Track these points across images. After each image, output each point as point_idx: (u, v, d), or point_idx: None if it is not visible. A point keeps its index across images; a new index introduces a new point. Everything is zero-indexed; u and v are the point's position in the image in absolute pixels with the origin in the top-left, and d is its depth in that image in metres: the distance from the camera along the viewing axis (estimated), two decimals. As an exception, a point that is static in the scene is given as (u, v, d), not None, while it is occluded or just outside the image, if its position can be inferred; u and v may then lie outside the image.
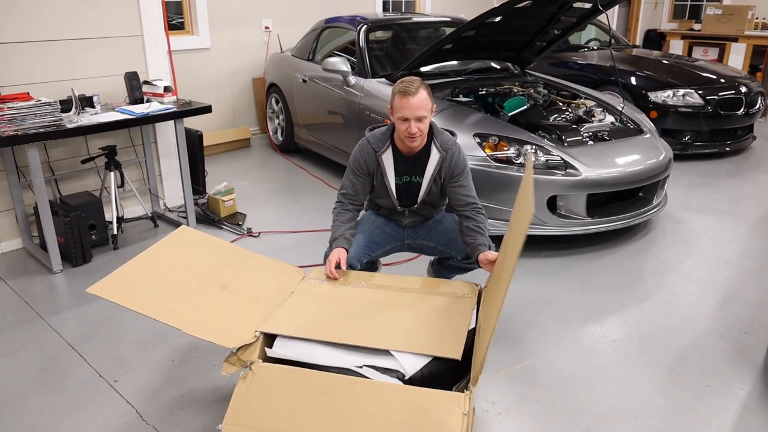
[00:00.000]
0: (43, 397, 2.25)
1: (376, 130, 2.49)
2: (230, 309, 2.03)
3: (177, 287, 2.07)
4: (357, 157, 2.45)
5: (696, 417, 2.13)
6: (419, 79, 2.29)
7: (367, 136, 2.47)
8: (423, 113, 2.25)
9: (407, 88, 2.24)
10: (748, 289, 3.03)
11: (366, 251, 2.46)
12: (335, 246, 2.35)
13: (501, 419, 2.12)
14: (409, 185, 2.46)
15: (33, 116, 2.98)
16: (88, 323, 2.73)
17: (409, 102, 2.23)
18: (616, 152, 3.46)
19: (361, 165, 2.44)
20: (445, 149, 2.40)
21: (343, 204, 2.47)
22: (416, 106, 2.23)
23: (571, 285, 3.07)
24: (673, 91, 5.15)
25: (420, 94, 2.24)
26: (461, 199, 2.41)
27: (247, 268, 2.29)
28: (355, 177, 2.46)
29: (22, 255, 3.45)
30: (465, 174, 2.44)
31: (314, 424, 1.61)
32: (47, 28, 3.37)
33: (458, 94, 4.00)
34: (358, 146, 2.47)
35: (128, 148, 3.87)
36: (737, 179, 4.72)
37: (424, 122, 2.28)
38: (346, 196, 2.47)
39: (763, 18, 8.55)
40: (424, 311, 2.04)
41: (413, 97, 2.23)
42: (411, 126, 2.26)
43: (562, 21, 3.94)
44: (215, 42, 5.54)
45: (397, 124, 2.30)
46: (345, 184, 2.49)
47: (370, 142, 2.43)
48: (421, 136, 2.31)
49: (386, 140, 2.41)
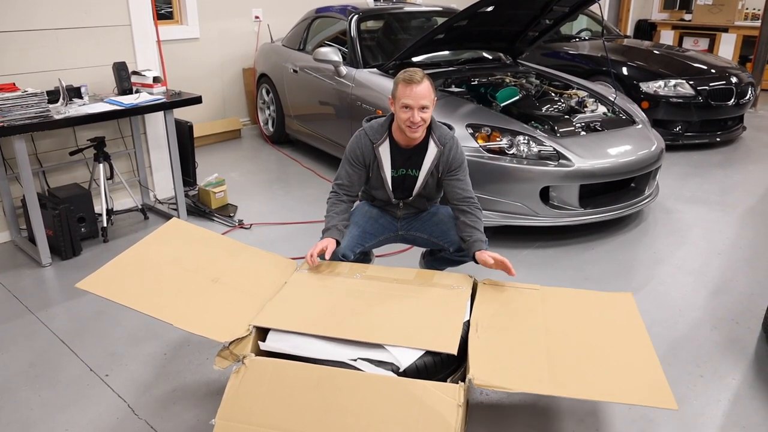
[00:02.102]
0: (34, 392, 2.22)
1: (374, 121, 2.46)
2: (222, 302, 2.02)
3: (168, 281, 2.05)
4: (354, 147, 2.42)
5: (688, 407, 2.14)
6: (422, 70, 2.28)
7: (365, 127, 2.44)
8: (426, 102, 2.24)
9: (412, 76, 2.23)
10: (740, 279, 3.05)
11: (359, 242, 2.45)
12: (326, 236, 2.34)
13: (495, 410, 2.12)
14: (405, 178, 2.45)
15: (19, 107, 2.93)
16: (79, 317, 2.71)
17: (413, 90, 2.21)
18: (609, 143, 3.46)
19: (358, 156, 2.42)
20: (443, 143, 2.38)
21: (337, 194, 2.45)
22: (420, 95, 2.22)
23: (563, 276, 3.07)
24: (664, 81, 5.15)
25: (424, 83, 2.23)
26: (458, 193, 2.40)
27: (239, 260, 2.28)
28: (351, 168, 2.43)
29: (10, 248, 3.41)
30: (462, 168, 2.42)
31: (308, 417, 1.60)
32: (34, 17, 3.31)
33: (450, 84, 3.98)
34: (355, 137, 2.44)
35: (117, 140, 3.82)
36: (728, 170, 4.74)
37: (427, 112, 2.27)
38: (341, 187, 2.45)
39: (753, 8, 8.58)
40: (418, 304, 2.03)
41: (418, 85, 2.22)
42: (414, 115, 2.23)
43: (554, 11, 3.93)
44: (205, 32, 5.48)
45: (399, 113, 2.28)
46: (340, 174, 2.46)
47: (367, 134, 2.41)
48: (422, 126, 2.29)
49: (384, 132, 2.39)
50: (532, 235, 3.48)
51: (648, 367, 1.77)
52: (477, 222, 2.36)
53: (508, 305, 2.07)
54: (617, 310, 2.07)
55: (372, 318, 1.94)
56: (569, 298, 2.14)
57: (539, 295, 2.14)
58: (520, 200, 3.25)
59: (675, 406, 1.61)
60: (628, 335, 1.93)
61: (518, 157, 3.24)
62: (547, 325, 1.97)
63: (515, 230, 3.47)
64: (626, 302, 2.11)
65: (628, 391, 1.67)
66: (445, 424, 1.54)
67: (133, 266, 2.09)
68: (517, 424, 2.05)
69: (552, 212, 3.29)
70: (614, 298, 2.14)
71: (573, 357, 1.81)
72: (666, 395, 1.65)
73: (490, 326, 1.93)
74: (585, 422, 2.06)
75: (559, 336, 1.91)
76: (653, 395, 1.65)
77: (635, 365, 1.78)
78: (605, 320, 2.01)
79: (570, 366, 1.77)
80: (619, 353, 1.84)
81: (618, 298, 2.14)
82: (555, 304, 2.10)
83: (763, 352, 2.45)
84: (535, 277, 3.04)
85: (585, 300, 2.14)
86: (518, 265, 3.16)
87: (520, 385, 1.68)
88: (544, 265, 3.19)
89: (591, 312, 2.06)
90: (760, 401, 2.16)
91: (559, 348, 1.85)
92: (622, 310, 2.06)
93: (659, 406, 1.62)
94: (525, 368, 1.75)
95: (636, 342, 1.89)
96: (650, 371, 1.75)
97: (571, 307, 2.09)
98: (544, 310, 2.06)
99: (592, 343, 1.89)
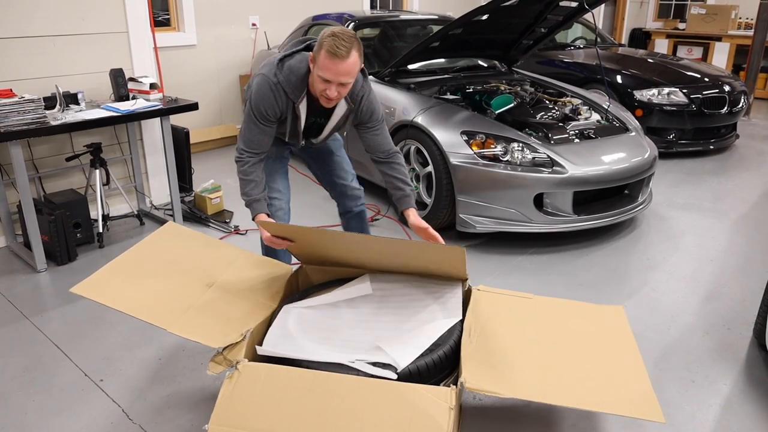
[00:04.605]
0: (28, 397, 2.22)
1: (290, 72, 2.18)
2: (217, 307, 2.02)
3: (163, 285, 2.06)
4: (270, 103, 2.18)
5: (680, 412, 2.15)
6: (354, 36, 2.03)
7: (281, 82, 2.17)
8: (348, 79, 2.05)
9: (338, 49, 1.97)
10: (732, 285, 3.07)
11: (287, 214, 2.59)
12: (258, 210, 2.27)
13: (488, 413, 2.13)
14: (314, 125, 2.37)
15: (16, 113, 2.94)
16: (74, 322, 2.71)
17: (336, 65, 1.99)
18: (602, 150, 3.49)
19: (275, 113, 2.21)
20: (354, 101, 2.26)
21: (252, 157, 2.26)
22: (343, 71, 2.01)
23: (557, 282, 3.09)
24: (658, 89, 5.19)
25: (351, 57, 2.00)
26: (377, 147, 2.36)
27: (234, 265, 2.28)
28: (264, 125, 2.23)
29: (5, 254, 3.41)
30: (375, 120, 2.33)
31: (301, 421, 1.61)
32: (31, 24, 3.33)
33: (445, 91, 4.01)
34: (269, 90, 2.16)
35: (114, 146, 3.83)
36: (721, 177, 4.78)
37: (347, 87, 2.09)
38: (253, 148, 2.25)
39: (746, 18, 8.65)
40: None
41: (342, 62, 1.98)
42: (331, 90, 2.06)
43: (549, 19, 3.97)
44: (202, 39, 5.51)
45: (317, 81, 2.08)
46: (252, 136, 2.23)
47: (285, 90, 2.18)
48: (339, 99, 2.14)
49: (303, 88, 2.19)
50: (526, 241, 3.50)
51: (637, 379, 1.79)
52: (402, 175, 2.36)
53: (502, 312, 2.08)
54: (608, 322, 2.09)
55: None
56: (562, 309, 2.16)
57: (532, 304, 2.16)
58: (514, 207, 3.27)
59: (662, 419, 1.63)
60: (618, 347, 1.95)
61: (512, 164, 3.26)
62: (539, 334, 1.99)
63: (509, 236, 3.49)
64: (617, 315, 2.13)
65: (617, 402, 1.69)
66: (437, 427, 1.55)
67: (128, 270, 2.09)
68: (510, 429, 2.06)
69: (546, 219, 3.31)
70: (606, 311, 2.16)
71: (564, 366, 1.83)
72: (653, 407, 1.67)
73: (483, 332, 1.94)
74: (577, 426, 2.07)
75: (551, 345, 1.93)
76: (641, 407, 1.67)
77: (624, 377, 1.80)
78: (596, 332, 2.03)
79: (561, 375, 1.79)
80: (609, 365, 1.86)
81: (609, 311, 2.15)
82: (547, 313, 2.12)
83: (754, 357, 2.47)
84: (528, 283, 3.06)
85: (577, 311, 2.16)
86: (512, 271, 3.19)
87: (511, 390, 1.69)
88: (538, 271, 3.20)
89: (582, 323, 2.08)
90: (751, 406, 2.18)
91: (550, 356, 1.87)
92: (614, 323, 2.08)
93: (646, 418, 1.64)
94: (517, 374, 1.77)
95: (625, 354, 1.91)
96: (639, 383, 1.77)
97: (563, 317, 2.11)
98: (536, 319, 2.08)
99: (582, 353, 1.91)
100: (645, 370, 1.83)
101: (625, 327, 2.06)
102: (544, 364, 1.82)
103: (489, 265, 3.25)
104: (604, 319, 2.10)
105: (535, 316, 2.08)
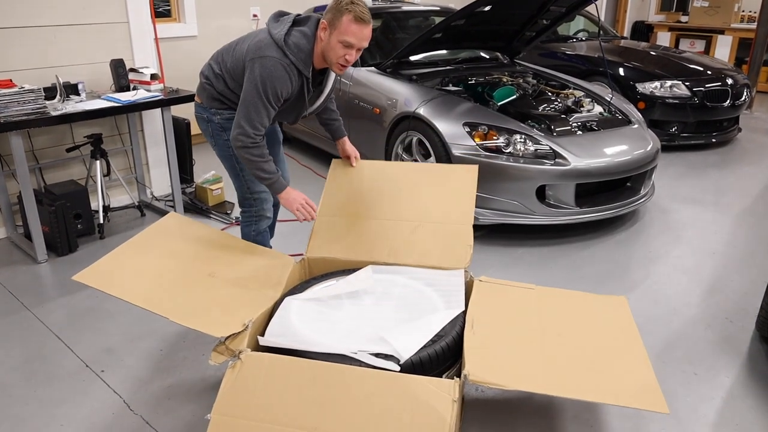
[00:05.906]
0: (29, 387, 2.22)
1: (299, 50, 2.16)
2: (218, 297, 2.02)
3: (164, 274, 2.06)
4: (285, 84, 2.16)
5: (682, 404, 2.15)
6: None
7: (294, 61, 2.15)
8: (367, 44, 2.14)
9: (364, 13, 2.05)
10: (734, 278, 3.06)
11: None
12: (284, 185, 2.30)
13: (490, 403, 2.13)
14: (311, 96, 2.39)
15: (16, 103, 2.92)
16: (74, 313, 2.71)
17: (361, 30, 2.07)
18: (605, 142, 3.48)
19: (288, 92, 2.20)
20: None
21: (263, 138, 2.23)
22: (367, 36, 2.10)
23: (559, 274, 3.08)
24: (660, 82, 5.17)
25: (371, 23, 2.11)
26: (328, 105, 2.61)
27: (236, 255, 2.28)
28: (275, 106, 2.20)
29: (6, 245, 3.40)
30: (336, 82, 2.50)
31: (304, 412, 1.61)
32: (31, 13, 3.31)
33: (448, 83, 3.99)
34: (283, 72, 2.14)
35: (114, 137, 3.82)
36: (723, 170, 4.77)
37: (360, 52, 2.16)
38: (262, 129, 2.20)
39: (749, 11, 8.61)
40: None
41: (367, 26, 2.08)
42: (352, 54, 2.11)
43: (551, 11, 3.94)
44: (202, 30, 5.47)
45: (335, 47, 2.10)
46: (261, 118, 2.17)
47: (297, 67, 2.16)
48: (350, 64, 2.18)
49: (310, 62, 2.20)
50: (529, 233, 3.49)
51: (640, 370, 1.78)
52: (336, 110, 2.62)
53: (504, 303, 2.07)
54: (611, 313, 2.08)
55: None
56: (564, 299, 2.15)
57: (535, 295, 2.15)
58: (517, 199, 3.26)
59: (666, 410, 1.62)
60: (622, 338, 1.94)
61: (515, 155, 3.25)
62: (542, 325, 1.98)
63: (511, 228, 3.48)
64: (620, 306, 2.12)
65: (620, 392, 1.68)
66: (440, 419, 1.54)
67: (130, 259, 2.09)
68: (513, 420, 2.06)
69: (548, 211, 3.30)
70: (609, 301, 2.15)
71: (567, 357, 1.82)
72: (657, 398, 1.66)
73: (486, 323, 1.93)
74: (579, 418, 2.07)
75: (554, 336, 1.92)
76: (645, 398, 1.66)
77: (628, 368, 1.79)
78: (599, 323, 2.02)
79: (563, 366, 1.78)
80: (612, 355, 1.85)
81: (612, 302, 2.15)
82: (550, 304, 2.11)
83: (756, 350, 2.46)
84: (531, 275, 3.05)
85: (580, 302, 2.15)
86: (514, 263, 3.18)
87: (514, 382, 1.68)
88: (540, 263, 3.20)
89: (585, 314, 2.07)
90: (753, 399, 2.18)
91: (553, 348, 1.86)
92: (616, 314, 2.07)
93: (650, 408, 1.63)
94: (520, 366, 1.76)
95: (629, 345, 1.90)
96: (642, 374, 1.76)
97: (566, 308, 2.10)
98: (539, 310, 2.07)
99: (585, 344, 1.90)
100: (648, 361, 1.82)
101: (628, 317, 2.05)
102: (546, 355, 1.81)
103: (491, 257, 3.24)
104: (607, 310, 2.09)
105: (538, 307, 2.07)
